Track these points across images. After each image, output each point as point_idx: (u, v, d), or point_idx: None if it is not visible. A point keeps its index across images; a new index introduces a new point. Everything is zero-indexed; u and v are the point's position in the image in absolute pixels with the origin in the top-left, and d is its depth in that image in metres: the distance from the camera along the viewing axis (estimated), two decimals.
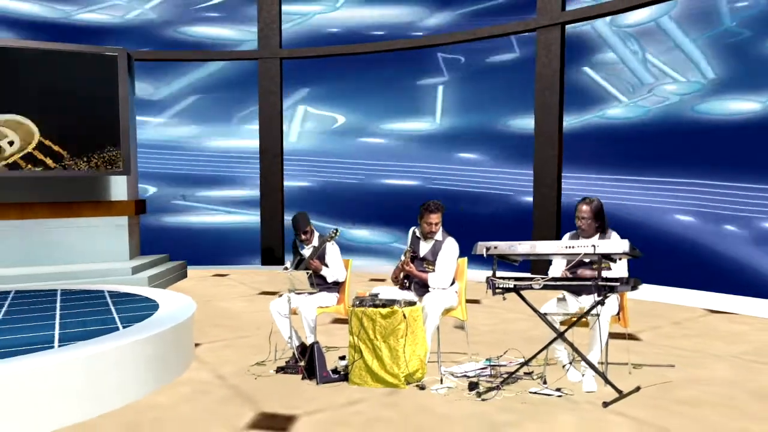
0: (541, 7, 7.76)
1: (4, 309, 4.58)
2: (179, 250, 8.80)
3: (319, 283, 4.16)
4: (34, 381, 3.09)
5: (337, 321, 5.44)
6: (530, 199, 7.96)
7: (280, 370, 3.85)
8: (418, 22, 8.92)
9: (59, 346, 3.45)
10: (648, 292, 6.48)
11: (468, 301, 4.31)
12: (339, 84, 9.31)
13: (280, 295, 4.09)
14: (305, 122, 9.51)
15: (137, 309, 4.48)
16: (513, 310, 5.72)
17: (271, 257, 9.46)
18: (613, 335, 3.80)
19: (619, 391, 3.29)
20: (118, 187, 7.75)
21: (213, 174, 9.51)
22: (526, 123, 8.08)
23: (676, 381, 3.69)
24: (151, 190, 9.35)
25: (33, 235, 7.17)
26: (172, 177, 9.45)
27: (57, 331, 3.81)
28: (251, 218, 9.48)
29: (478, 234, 3.76)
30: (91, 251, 7.37)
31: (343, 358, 3.92)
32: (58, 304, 4.76)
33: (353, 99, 9.25)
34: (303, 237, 4.14)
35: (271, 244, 9.45)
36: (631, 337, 4.72)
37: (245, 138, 9.48)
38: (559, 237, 7.50)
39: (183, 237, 9.35)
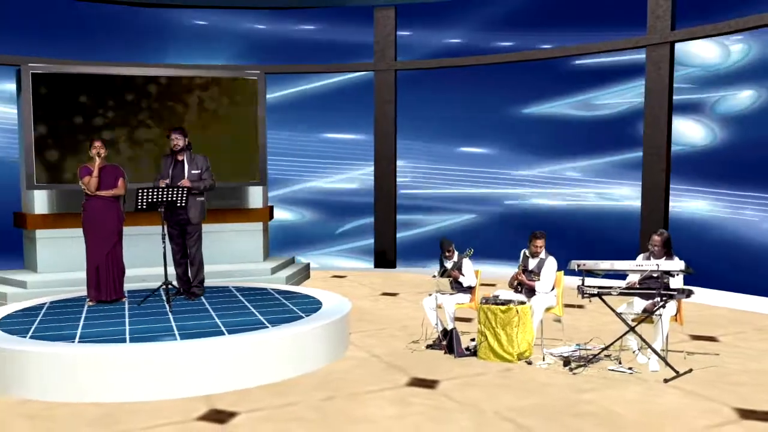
0: (651, 26, 9.65)
1: (205, 299, 7.18)
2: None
3: (457, 286, 6.58)
4: (263, 349, 5.57)
5: (461, 319, 7.72)
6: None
7: (429, 347, 6.33)
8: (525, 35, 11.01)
9: (272, 326, 5.93)
10: (751, 302, 8.39)
11: (576, 305, 6.49)
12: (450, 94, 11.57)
13: (430, 295, 6.51)
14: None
15: (306, 303, 6.95)
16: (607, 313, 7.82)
17: (384, 260, 11.87)
18: (698, 337, 5.85)
19: (676, 371, 5.38)
20: (255, 196, 10.38)
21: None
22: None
23: (731, 370, 5.70)
24: None
25: None
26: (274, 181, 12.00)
27: (261, 317, 6.32)
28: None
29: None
30: (234, 253, 9.99)
31: (473, 340, 6.27)
32: (241, 298, 7.32)
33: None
34: (447, 254, 6.52)
35: (385, 248, 11.85)
36: (711, 338, 6.73)
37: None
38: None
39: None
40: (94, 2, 10.93)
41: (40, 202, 9.30)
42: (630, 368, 5.60)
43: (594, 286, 5.53)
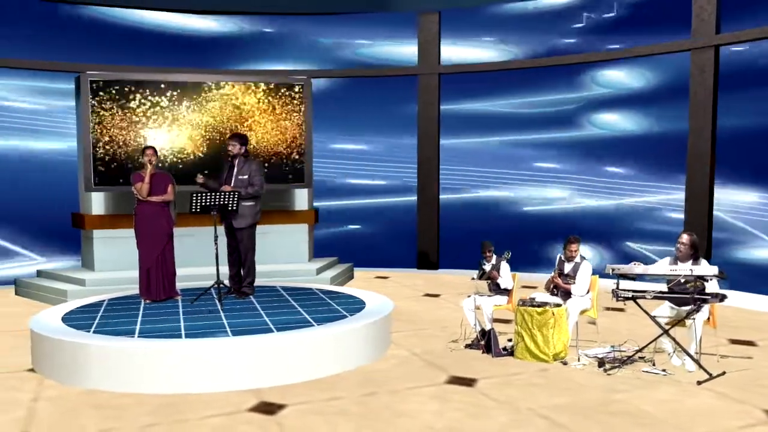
0: (695, 29, 9.77)
1: (254, 298, 7.61)
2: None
3: (495, 288, 6.87)
4: (309, 346, 5.96)
5: (499, 320, 8.00)
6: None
7: (467, 347, 6.65)
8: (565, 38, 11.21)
9: (317, 325, 6.32)
10: None
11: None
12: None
13: (469, 296, 6.83)
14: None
15: (350, 303, 7.32)
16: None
17: (426, 261, 12.19)
18: (736, 341, 6.05)
19: (709, 374, 5.59)
20: (301, 199, 10.80)
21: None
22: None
23: (764, 374, 5.87)
24: None
25: None
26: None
27: (307, 315, 6.72)
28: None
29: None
30: (280, 254, 10.42)
31: (510, 340, 6.56)
32: (288, 297, 7.73)
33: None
34: (486, 256, 6.82)
35: (427, 249, 12.18)
36: (749, 343, 6.90)
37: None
38: (710, 251, 9.59)
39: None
40: (145, 9, 11.51)
41: (97, 203, 9.89)
42: (664, 370, 5.83)
43: (628, 290, 5.77)
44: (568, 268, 6.56)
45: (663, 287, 6.05)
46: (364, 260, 12.24)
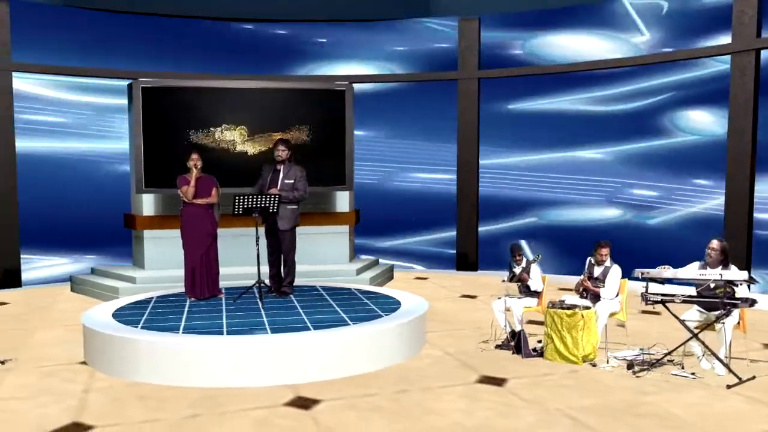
0: (736, 33, 9.64)
1: (294, 297, 7.80)
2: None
3: (525, 290, 6.93)
4: (345, 344, 6.11)
5: (533, 322, 8.05)
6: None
7: (497, 347, 6.73)
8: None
9: (353, 324, 6.47)
10: None
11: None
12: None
13: (499, 298, 6.92)
14: None
15: (386, 303, 7.46)
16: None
17: (465, 263, 12.26)
18: None
19: (739, 378, 5.56)
20: (342, 200, 10.99)
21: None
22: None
23: None
24: None
25: None
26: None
27: (344, 314, 6.88)
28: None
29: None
30: (321, 254, 10.62)
31: (539, 341, 6.61)
32: (327, 296, 7.91)
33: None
34: (516, 259, 6.90)
35: (466, 251, 12.24)
36: None
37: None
38: (749, 254, 9.47)
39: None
40: (193, 18, 11.84)
41: (147, 204, 10.24)
42: (693, 373, 5.81)
43: (657, 294, 5.78)
44: (597, 271, 6.59)
45: (692, 291, 6.03)
46: (405, 261, 12.40)
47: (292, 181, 7.79)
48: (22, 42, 10.72)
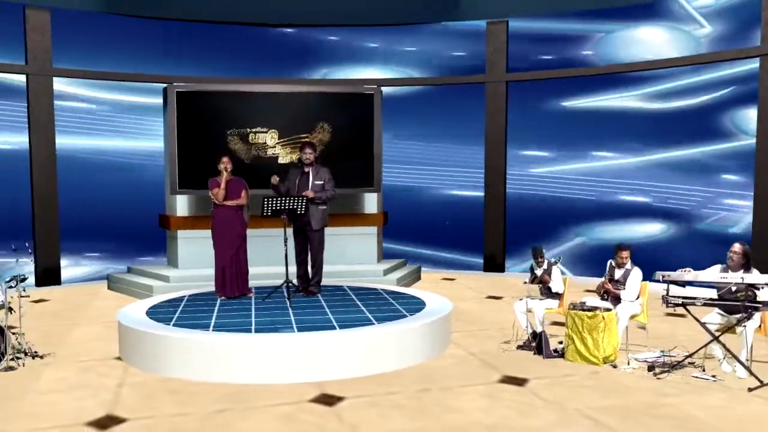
0: (765, 35, 9.53)
1: (321, 297, 7.94)
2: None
3: (546, 292, 6.98)
4: (369, 343, 6.22)
5: (557, 323, 8.07)
6: None
7: (519, 347, 6.79)
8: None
9: (378, 323, 6.58)
10: None
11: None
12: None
13: (521, 299, 6.97)
14: None
15: (411, 303, 7.55)
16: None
17: (493, 264, 12.29)
18: None
19: (760, 381, 5.54)
20: (370, 202, 11.11)
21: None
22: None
23: None
24: None
25: None
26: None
27: (369, 314, 6.99)
28: None
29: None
30: (350, 255, 10.75)
31: (560, 342, 6.65)
32: (353, 296, 8.03)
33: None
34: (538, 261, 6.95)
35: (493, 252, 12.27)
36: None
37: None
38: None
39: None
40: (229, 24, 12.06)
41: (181, 205, 10.48)
42: (714, 376, 5.81)
43: (678, 296, 5.79)
44: (618, 274, 6.61)
45: (713, 294, 6.01)
46: (432, 262, 12.49)
47: (321, 182, 7.93)
48: (62, 47, 11.04)
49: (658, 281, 5.91)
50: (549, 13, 11.77)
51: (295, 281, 8.10)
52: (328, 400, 5.49)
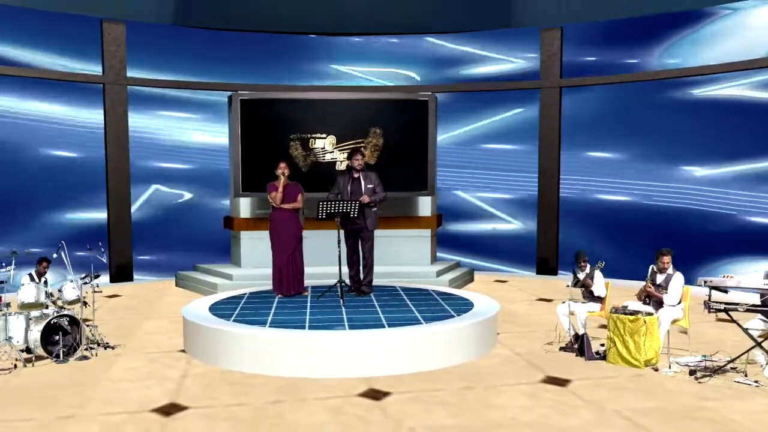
0: None
1: (373, 296, 8.17)
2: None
3: (589, 296, 7.06)
4: (416, 341, 6.41)
5: (603, 326, 8.10)
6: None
7: (561, 349, 6.89)
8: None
9: (426, 323, 6.77)
10: None
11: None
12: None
13: (564, 302, 7.06)
14: None
15: (460, 304, 7.71)
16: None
17: (546, 267, 12.31)
18: None
19: None
20: (424, 205, 11.30)
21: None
22: None
23: None
24: None
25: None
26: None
27: (417, 314, 7.18)
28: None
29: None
30: (404, 257, 10.96)
31: (602, 345, 6.70)
32: (404, 296, 8.24)
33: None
34: (581, 265, 7.04)
35: (546, 256, 12.29)
36: None
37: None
38: None
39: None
40: (290, 33, 12.45)
41: (244, 207, 10.90)
42: (756, 381, 5.78)
43: (720, 302, 5.78)
44: (660, 279, 6.62)
45: (756, 299, 5.97)
46: (486, 265, 12.60)
47: (372, 186, 8.18)
48: (136, 57, 11.63)
49: (701, 286, 5.93)
50: (601, 19, 11.73)
51: (347, 281, 8.35)
52: (374, 394, 5.71)
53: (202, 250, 12.00)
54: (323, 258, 9.32)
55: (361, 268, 8.33)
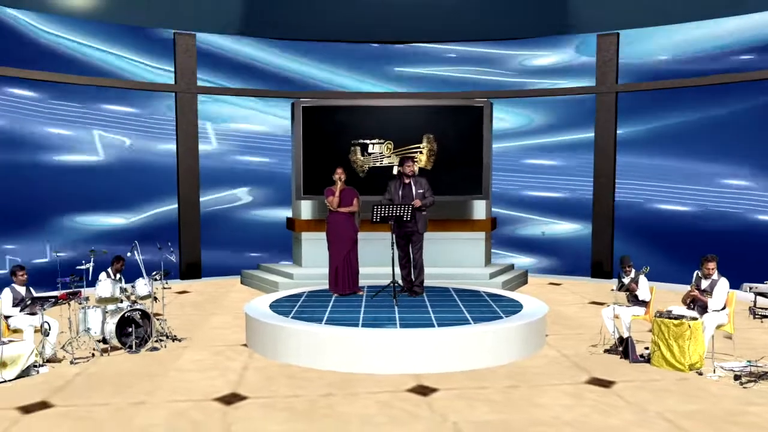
0: None
1: (425, 297, 8.38)
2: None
3: (633, 300, 7.09)
4: (465, 341, 6.58)
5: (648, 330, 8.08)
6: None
7: (606, 351, 6.94)
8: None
9: (474, 323, 6.94)
10: None
11: None
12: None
13: (608, 306, 7.11)
14: None
15: (509, 306, 7.83)
16: None
17: (600, 271, 12.25)
18: None
19: None
20: (479, 209, 11.43)
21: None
22: None
23: None
24: None
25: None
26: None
27: (467, 314, 7.35)
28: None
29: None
30: (459, 259, 11.12)
31: (646, 348, 6.71)
32: (456, 297, 8.42)
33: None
34: (626, 269, 7.09)
35: (601, 259, 12.23)
36: None
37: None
38: None
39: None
40: (349, 42, 12.76)
41: (305, 209, 11.26)
42: None
43: (766, 308, 5.75)
44: (704, 284, 6.61)
45: None
46: (541, 267, 12.64)
47: (423, 191, 8.38)
48: (205, 67, 12.17)
49: (746, 292, 5.91)
50: (658, 25, 11.61)
51: (400, 281, 8.58)
52: (422, 390, 5.92)
53: (265, 249, 12.46)
54: (377, 259, 9.56)
55: (412, 269, 8.54)
